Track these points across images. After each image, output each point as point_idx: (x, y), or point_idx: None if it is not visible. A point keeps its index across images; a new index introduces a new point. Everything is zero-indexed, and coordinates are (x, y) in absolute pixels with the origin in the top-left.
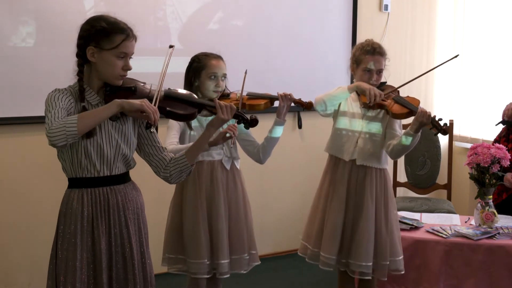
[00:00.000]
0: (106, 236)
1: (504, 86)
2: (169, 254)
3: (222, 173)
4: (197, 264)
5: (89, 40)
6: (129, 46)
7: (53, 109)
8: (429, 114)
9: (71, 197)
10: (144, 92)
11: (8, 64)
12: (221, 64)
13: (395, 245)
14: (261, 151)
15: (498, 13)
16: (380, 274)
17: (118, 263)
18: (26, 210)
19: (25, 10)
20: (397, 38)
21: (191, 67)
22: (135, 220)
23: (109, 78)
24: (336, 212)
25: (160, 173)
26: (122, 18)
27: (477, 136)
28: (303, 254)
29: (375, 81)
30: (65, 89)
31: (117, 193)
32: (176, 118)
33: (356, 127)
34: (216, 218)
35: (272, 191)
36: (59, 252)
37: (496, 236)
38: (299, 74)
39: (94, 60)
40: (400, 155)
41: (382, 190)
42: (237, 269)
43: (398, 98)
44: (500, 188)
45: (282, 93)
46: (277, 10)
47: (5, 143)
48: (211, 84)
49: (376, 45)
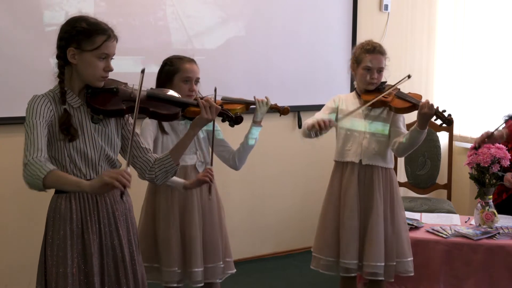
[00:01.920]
0: (97, 239)
1: (504, 86)
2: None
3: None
4: (169, 273)
5: (69, 41)
6: (110, 47)
7: (32, 133)
8: (432, 105)
9: (58, 202)
10: (126, 93)
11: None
12: (195, 68)
13: (402, 246)
14: (237, 157)
15: (498, 13)
16: (387, 275)
17: (110, 265)
18: (25, 210)
19: (23, 10)
20: (397, 38)
21: (163, 70)
22: (124, 221)
23: (90, 79)
24: (351, 216)
25: (145, 175)
26: (122, 18)
27: (477, 136)
28: (316, 267)
29: (376, 79)
30: (44, 96)
31: (105, 195)
32: (160, 118)
33: (359, 127)
34: (190, 226)
35: (272, 191)
36: (48, 258)
37: (496, 236)
38: (299, 74)
39: (74, 61)
40: (406, 152)
41: (388, 190)
42: (211, 277)
43: (399, 94)
44: (500, 188)
45: (259, 98)
46: (277, 10)
47: (2, 143)
48: (185, 88)
49: (376, 44)
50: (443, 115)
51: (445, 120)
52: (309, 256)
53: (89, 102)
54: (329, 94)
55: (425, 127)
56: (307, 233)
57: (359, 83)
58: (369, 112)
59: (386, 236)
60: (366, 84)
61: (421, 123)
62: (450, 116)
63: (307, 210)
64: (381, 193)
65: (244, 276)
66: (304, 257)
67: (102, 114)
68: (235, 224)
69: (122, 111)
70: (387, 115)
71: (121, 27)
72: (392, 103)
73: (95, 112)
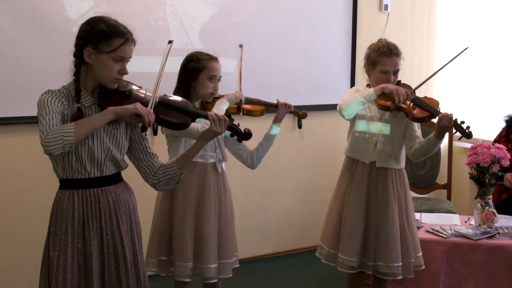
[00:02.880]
0: (98, 238)
1: (504, 86)
2: (161, 256)
3: (213, 176)
4: (182, 267)
5: (87, 41)
6: (127, 51)
7: (47, 115)
8: (451, 117)
9: (62, 198)
10: (139, 97)
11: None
12: (219, 67)
13: (416, 242)
14: (255, 156)
15: (498, 13)
16: (407, 272)
17: (111, 264)
18: (25, 210)
19: (21, 9)
20: (397, 38)
21: (187, 66)
22: (127, 220)
23: (104, 80)
24: (354, 213)
25: (148, 179)
26: (122, 18)
27: (477, 136)
28: (319, 254)
29: (393, 81)
30: (58, 91)
31: (108, 194)
32: (168, 126)
33: (374, 129)
34: (206, 222)
35: (272, 191)
36: (50, 253)
37: (496, 236)
38: (299, 74)
39: (90, 61)
40: (421, 158)
41: (402, 190)
42: (223, 273)
43: (416, 100)
44: (500, 188)
45: (282, 102)
46: (276, 10)
47: (2, 143)
48: (210, 85)
49: (392, 46)
50: (462, 128)
51: (464, 133)
52: (309, 256)
53: (101, 102)
54: (329, 94)
55: (443, 138)
56: (307, 233)
57: (374, 85)
58: (383, 114)
59: (403, 235)
60: None
61: (439, 134)
62: (469, 130)
63: (307, 210)
64: (396, 194)
65: (244, 276)
66: (304, 257)
67: None
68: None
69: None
70: (401, 118)
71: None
72: (409, 110)
73: None
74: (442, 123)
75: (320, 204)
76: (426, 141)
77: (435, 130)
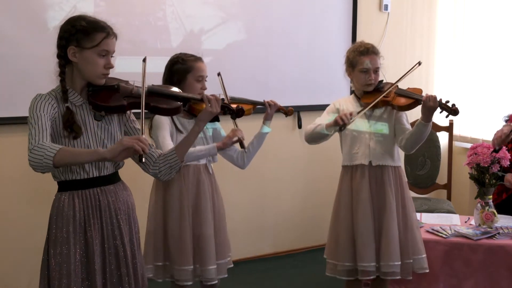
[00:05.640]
0: (99, 237)
1: (504, 86)
2: (157, 262)
3: (206, 177)
4: (182, 271)
5: (70, 40)
6: (110, 44)
7: (36, 123)
8: (435, 97)
9: (61, 200)
10: (127, 89)
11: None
12: (205, 67)
13: (417, 243)
14: (246, 156)
15: (498, 13)
16: (405, 273)
17: (112, 264)
18: (26, 209)
19: (23, 10)
20: (397, 38)
21: (172, 68)
22: (126, 220)
23: (91, 77)
24: (364, 218)
25: (149, 170)
26: (122, 18)
27: (477, 136)
28: (332, 274)
29: (373, 80)
30: (48, 94)
31: (107, 194)
32: (161, 113)
33: (364, 129)
34: (204, 223)
35: (272, 191)
36: (51, 257)
37: (496, 236)
38: (299, 74)
39: (75, 60)
40: (414, 147)
41: (399, 188)
42: (222, 274)
43: (400, 91)
44: (500, 188)
45: (269, 100)
46: (276, 10)
47: (2, 143)
48: (198, 86)
49: (368, 45)
50: (447, 106)
51: (451, 110)
52: (309, 256)
53: (91, 99)
54: (329, 94)
55: (430, 120)
56: (307, 233)
57: (357, 85)
58: (372, 112)
59: (400, 233)
60: (365, 86)
61: (427, 117)
62: (455, 106)
63: (307, 210)
64: (393, 192)
65: (244, 276)
66: (304, 257)
67: (103, 111)
68: (235, 224)
69: (124, 107)
70: (390, 114)
71: (121, 27)
72: (394, 101)
73: (96, 109)
74: (428, 105)
75: (319, 205)
76: (415, 127)
77: (421, 114)
